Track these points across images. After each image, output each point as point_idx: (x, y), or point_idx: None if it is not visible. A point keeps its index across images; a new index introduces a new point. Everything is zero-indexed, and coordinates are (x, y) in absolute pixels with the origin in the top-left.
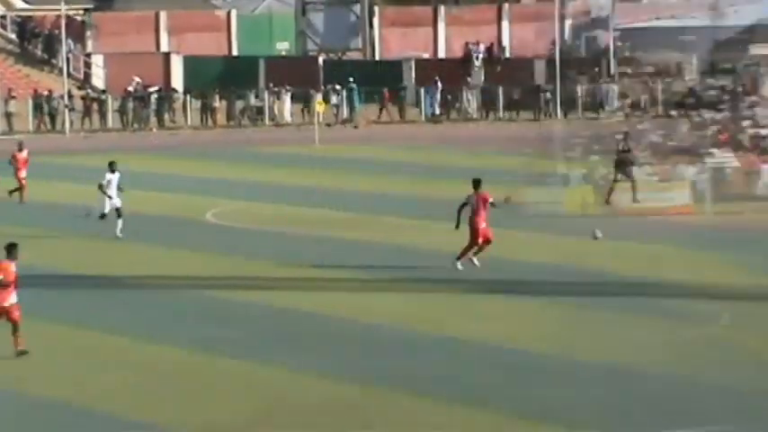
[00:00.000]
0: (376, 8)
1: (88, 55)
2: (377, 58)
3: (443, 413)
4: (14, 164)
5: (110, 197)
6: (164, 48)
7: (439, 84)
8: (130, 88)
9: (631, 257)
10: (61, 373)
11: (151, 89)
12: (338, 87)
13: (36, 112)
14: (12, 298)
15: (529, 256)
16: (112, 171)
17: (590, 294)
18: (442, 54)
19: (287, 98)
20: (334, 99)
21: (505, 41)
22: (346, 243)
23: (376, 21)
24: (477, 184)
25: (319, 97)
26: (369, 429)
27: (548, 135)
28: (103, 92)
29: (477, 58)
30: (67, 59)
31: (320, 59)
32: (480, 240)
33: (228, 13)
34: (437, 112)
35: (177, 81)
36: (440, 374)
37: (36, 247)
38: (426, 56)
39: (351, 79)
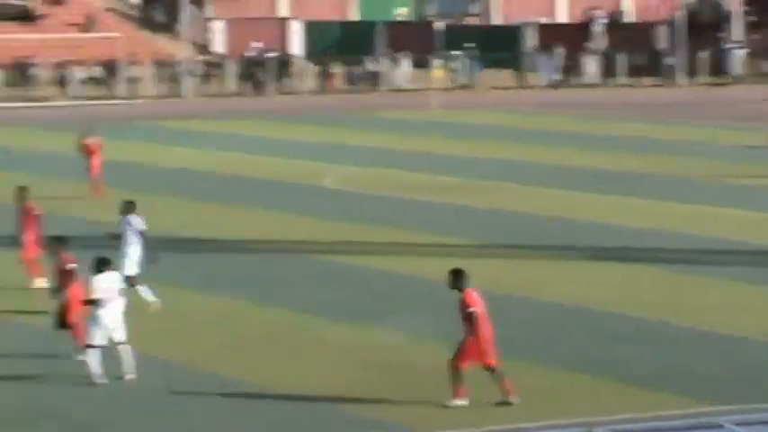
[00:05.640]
0: None
1: (208, 20)
2: (495, 23)
3: (543, 376)
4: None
5: None
6: (282, 13)
7: (559, 49)
8: (249, 53)
9: (738, 223)
10: (172, 334)
11: (269, 54)
12: (457, 53)
13: (158, 78)
14: None
15: (626, 222)
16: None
17: (690, 261)
18: (561, 19)
19: (405, 63)
20: (452, 64)
21: (627, 6)
22: (458, 209)
23: None
24: None
25: (438, 63)
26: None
27: None
28: (225, 57)
29: (598, 23)
30: (188, 25)
31: (438, 24)
32: None
33: None
34: (557, 77)
35: (295, 46)
36: (539, 339)
37: (163, 212)
38: (545, 21)
39: (472, 45)
